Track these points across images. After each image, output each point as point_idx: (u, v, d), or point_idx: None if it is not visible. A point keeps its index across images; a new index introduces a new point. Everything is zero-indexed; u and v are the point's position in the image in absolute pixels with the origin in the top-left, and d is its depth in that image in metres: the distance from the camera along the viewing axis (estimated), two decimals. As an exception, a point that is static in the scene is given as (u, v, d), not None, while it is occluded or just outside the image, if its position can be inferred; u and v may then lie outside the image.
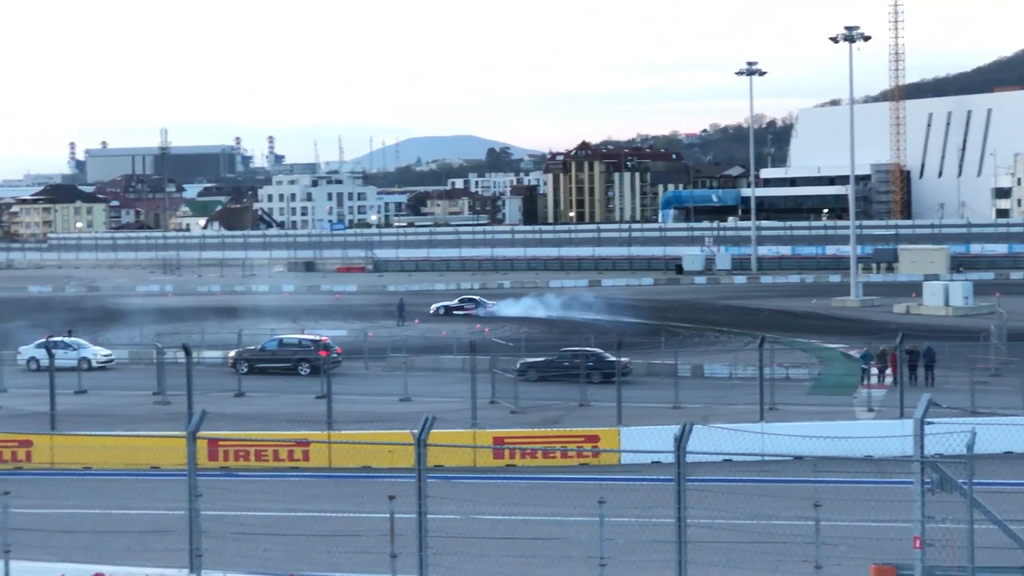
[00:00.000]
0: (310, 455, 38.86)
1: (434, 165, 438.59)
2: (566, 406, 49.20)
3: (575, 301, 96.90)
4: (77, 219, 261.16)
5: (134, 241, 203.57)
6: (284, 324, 79.38)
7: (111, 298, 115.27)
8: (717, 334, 77.81)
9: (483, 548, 24.43)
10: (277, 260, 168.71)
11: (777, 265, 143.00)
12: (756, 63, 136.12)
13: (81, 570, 15.68)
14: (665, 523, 19.88)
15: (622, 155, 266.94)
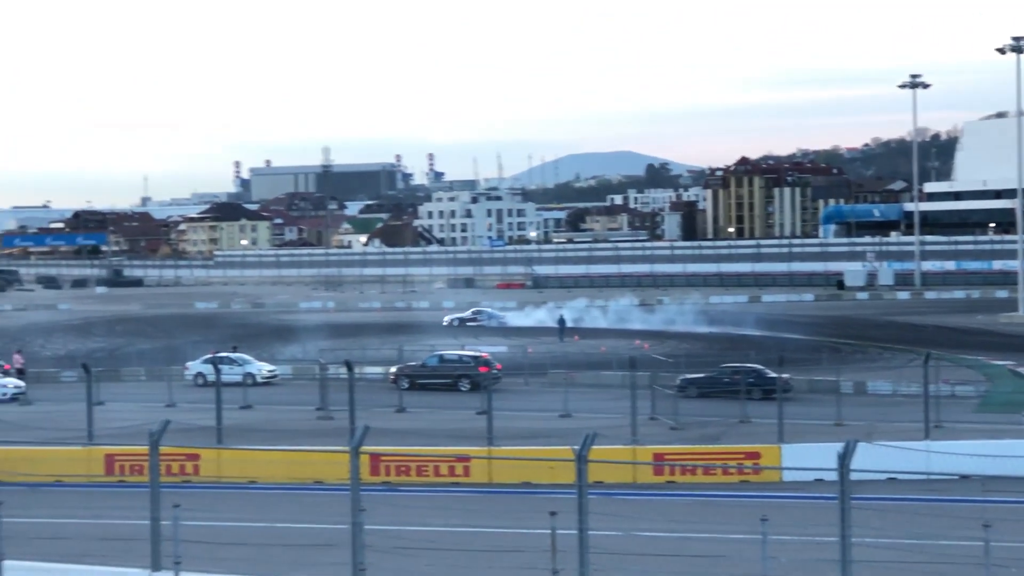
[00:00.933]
0: (471, 471, 39.04)
1: (593, 181, 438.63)
2: (726, 422, 48.77)
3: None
4: (242, 236, 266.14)
5: (297, 258, 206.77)
6: (445, 340, 79.88)
7: (274, 315, 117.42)
8: (880, 351, 76.60)
9: (644, 565, 24.33)
10: (437, 276, 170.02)
11: (941, 280, 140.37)
12: (920, 76, 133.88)
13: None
14: (828, 542, 19.62)
15: (782, 170, 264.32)
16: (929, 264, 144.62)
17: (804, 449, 38.83)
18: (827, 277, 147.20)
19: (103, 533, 29.84)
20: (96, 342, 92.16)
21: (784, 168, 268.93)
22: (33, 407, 58.02)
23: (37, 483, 37.06)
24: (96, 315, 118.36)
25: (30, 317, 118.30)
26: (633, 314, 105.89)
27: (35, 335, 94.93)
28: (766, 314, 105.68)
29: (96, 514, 33.80)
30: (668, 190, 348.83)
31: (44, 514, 32.56)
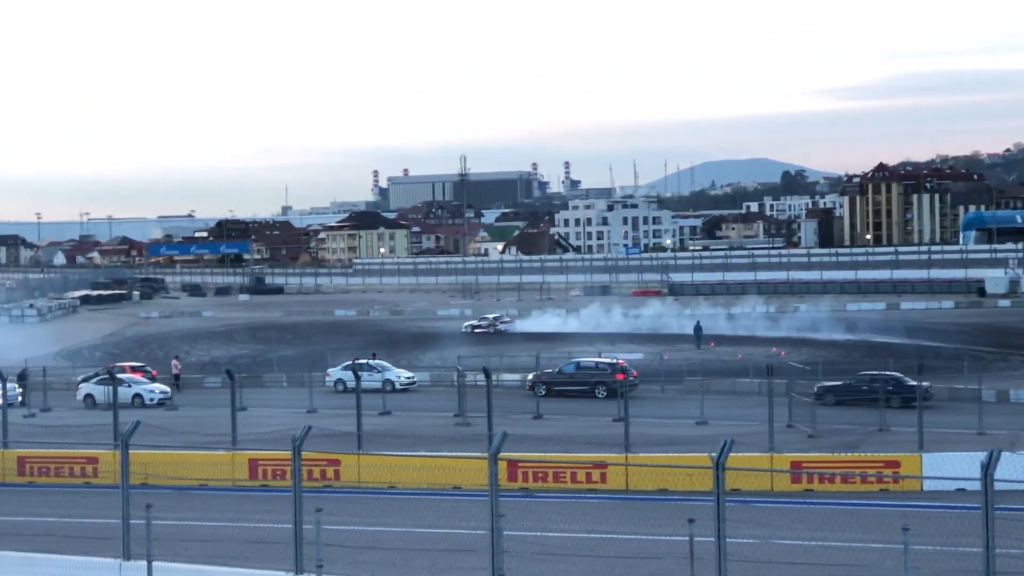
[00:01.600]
0: (607, 477, 38.98)
1: (728, 189, 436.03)
2: (864, 431, 48.16)
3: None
4: (380, 245, 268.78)
5: (434, 266, 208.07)
6: (581, 347, 79.90)
7: (412, 322, 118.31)
8: (1023, 359, 75.12)
9: (782, 572, 24.11)
10: (573, 284, 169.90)
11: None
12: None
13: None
14: (972, 552, 19.28)
15: (921, 176, 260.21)
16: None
17: (945, 458, 38.19)
18: (967, 284, 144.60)
19: (247, 536, 30.31)
20: (239, 348, 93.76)
21: (923, 174, 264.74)
22: (179, 412, 59.22)
23: (183, 486, 37.77)
24: (239, 322, 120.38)
25: (176, 324, 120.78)
26: (769, 321, 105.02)
27: (180, 342, 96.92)
28: (905, 321, 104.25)
29: (240, 517, 34.32)
30: (804, 197, 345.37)
31: (190, 517, 33.17)
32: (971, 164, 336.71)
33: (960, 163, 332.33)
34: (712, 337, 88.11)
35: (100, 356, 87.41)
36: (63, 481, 42.35)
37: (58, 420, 57.03)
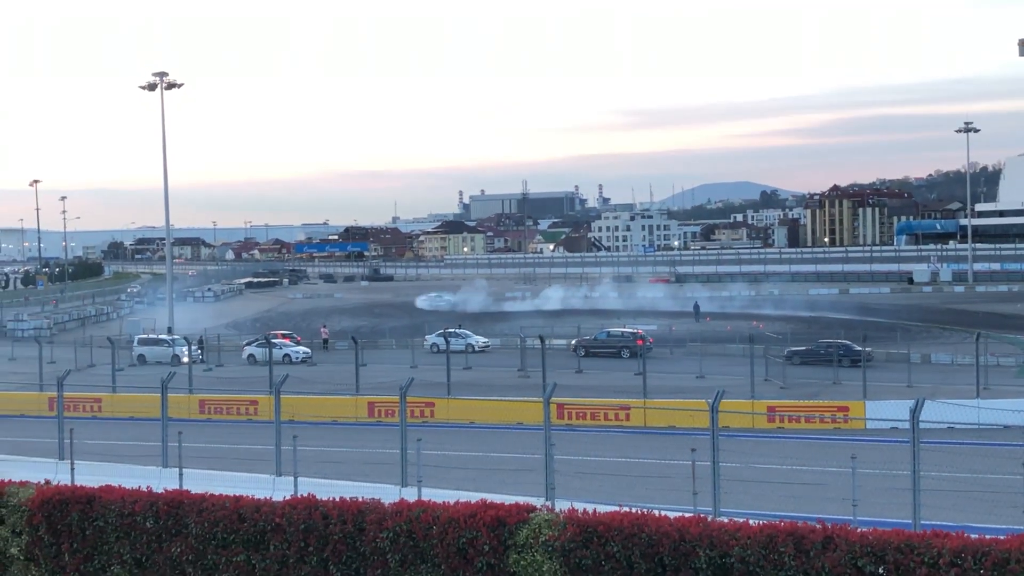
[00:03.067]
0: (630, 416, 38.92)
1: (720, 204, 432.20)
2: (822, 384, 47.74)
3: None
4: (464, 245, 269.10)
5: (503, 261, 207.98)
6: (611, 320, 79.71)
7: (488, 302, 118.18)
8: (941, 330, 74.09)
9: (761, 490, 23.94)
10: (605, 274, 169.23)
11: (989, 278, 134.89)
12: (971, 122, 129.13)
13: (470, 496, 16.05)
14: (902, 475, 19.06)
15: (865, 195, 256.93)
16: (979, 265, 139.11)
17: (883, 405, 37.82)
18: (900, 275, 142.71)
19: (367, 459, 30.46)
20: (361, 320, 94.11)
21: (867, 193, 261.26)
22: (317, 367, 59.55)
23: (320, 422, 38.01)
24: (361, 302, 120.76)
25: (314, 303, 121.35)
26: (751, 302, 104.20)
27: (318, 316, 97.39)
28: (853, 302, 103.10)
29: (362, 445, 34.51)
30: (777, 210, 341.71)
31: (326, 444, 33.37)
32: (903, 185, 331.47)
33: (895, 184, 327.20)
34: (708, 313, 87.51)
35: (259, 326, 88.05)
36: (232, 418, 42.79)
37: (229, 373, 57.54)
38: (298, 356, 62.86)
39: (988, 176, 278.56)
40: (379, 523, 14.62)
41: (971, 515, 21.06)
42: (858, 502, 19.34)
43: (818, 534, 12.69)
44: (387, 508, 14.83)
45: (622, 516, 13.62)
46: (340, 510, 14.96)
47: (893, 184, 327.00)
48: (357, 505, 15.00)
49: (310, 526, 14.95)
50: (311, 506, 15.15)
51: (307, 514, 15.05)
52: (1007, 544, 11.97)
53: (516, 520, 14.01)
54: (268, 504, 15.46)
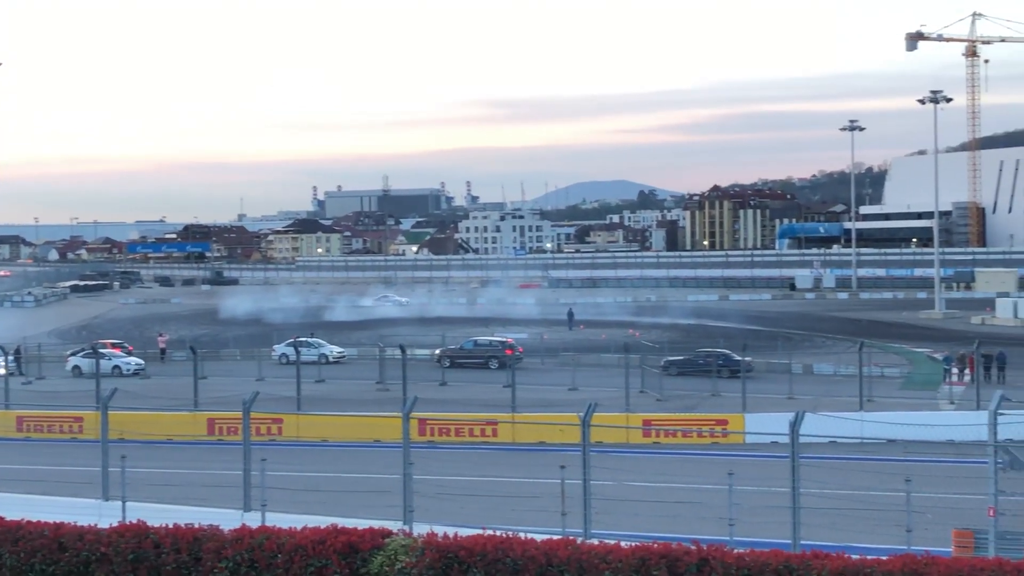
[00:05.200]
0: (498, 432, 39.04)
1: (596, 204, 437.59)
2: (700, 395, 48.67)
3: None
4: (318, 246, 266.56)
5: (362, 263, 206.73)
6: (478, 328, 79.90)
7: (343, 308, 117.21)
8: (824, 339, 76.29)
9: (635, 509, 24.24)
10: (473, 278, 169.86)
11: (874, 284, 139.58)
12: (857, 120, 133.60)
13: (320, 521, 15.88)
14: (782, 492, 19.53)
15: (746, 196, 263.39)
16: (864, 271, 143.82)
17: (763, 418, 38.72)
18: (782, 281, 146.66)
19: (206, 481, 29.88)
20: (201, 329, 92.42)
21: (748, 194, 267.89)
22: (151, 380, 58.25)
23: (153, 441, 37.17)
24: (201, 308, 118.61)
25: (149, 309, 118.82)
26: (627, 309, 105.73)
27: (153, 323, 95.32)
28: (733, 309, 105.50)
29: (200, 466, 33.85)
30: (655, 211, 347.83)
31: (159, 466, 32.66)
32: (786, 186, 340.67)
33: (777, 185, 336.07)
34: (582, 321, 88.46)
35: (86, 335, 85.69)
36: (54, 436, 41.55)
37: (50, 387, 55.84)
38: (129, 368, 61.39)
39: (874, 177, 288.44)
40: (217, 552, 14.34)
41: (852, 534, 21.68)
42: (735, 521, 19.76)
43: (693, 556, 12.90)
44: (227, 535, 14.55)
45: (485, 540, 13.63)
46: (174, 538, 14.63)
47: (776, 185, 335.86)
48: (193, 532, 14.68)
49: (140, 556, 14.58)
50: (141, 534, 14.77)
51: (136, 542, 14.67)
52: (889, 565, 12.35)
53: (370, 546, 13.89)
54: (93, 532, 15.02)
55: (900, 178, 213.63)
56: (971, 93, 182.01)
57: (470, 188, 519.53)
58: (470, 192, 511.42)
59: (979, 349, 47.40)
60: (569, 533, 16.74)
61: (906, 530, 20.75)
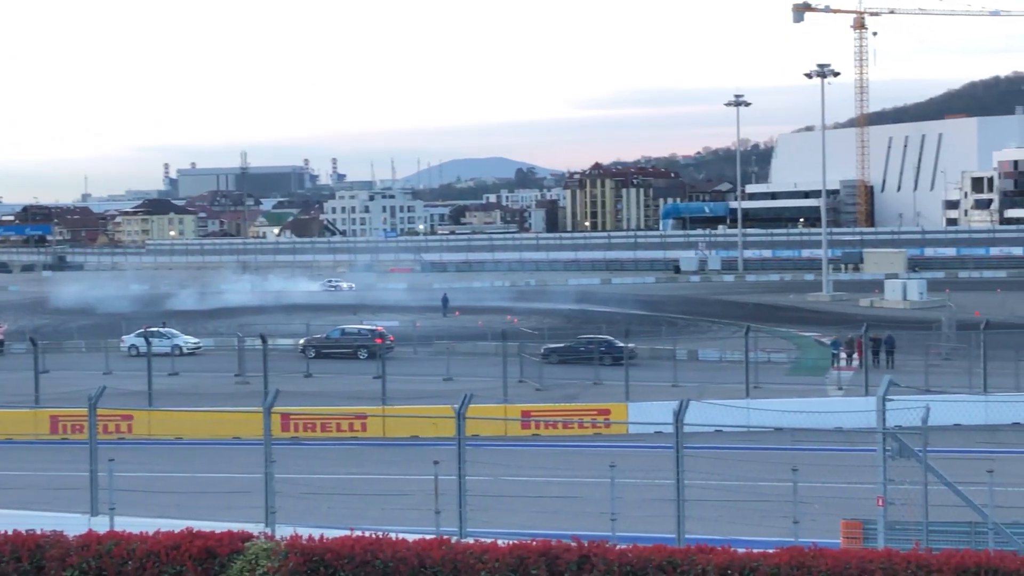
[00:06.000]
0: (367, 426, 38.92)
1: (471, 183, 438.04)
2: (582, 384, 49.12)
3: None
4: (170, 228, 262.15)
5: (218, 247, 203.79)
6: (345, 316, 79.45)
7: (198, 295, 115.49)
8: (709, 324, 77.57)
9: (513, 505, 24.41)
10: (340, 263, 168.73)
11: (760, 266, 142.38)
12: (743, 95, 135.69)
13: (174, 525, 15.66)
14: (666, 484, 19.82)
15: (629, 174, 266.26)
16: (750, 252, 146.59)
17: (646, 407, 39.22)
18: (666, 263, 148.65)
19: (48, 483, 29.22)
20: (42, 319, 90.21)
21: (631, 172, 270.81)
22: (-13, 375, 56.64)
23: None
24: (42, 295, 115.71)
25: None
26: (505, 294, 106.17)
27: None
28: (615, 294, 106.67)
29: (42, 467, 33.09)
30: (534, 190, 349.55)
31: (9, 467, 31.85)
32: (670, 164, 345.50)
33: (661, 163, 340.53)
34: (457, 307, 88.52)
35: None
36: None
37: None
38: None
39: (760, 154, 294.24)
40: (61, 559, 14.06)
41: (739, 527, 22.13)
42: (617, 516, 20.01)
43: (573, 553, 13.02)
44: (72, 541, 14.27)
45: (354, 541, 13.58)
46: (13, 545, 14.30)
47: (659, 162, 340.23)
48: (35, 539, 14.37)
49: (-26, 567, 14.21)
50: (-25, 543, 14.38)
51: (-30, 553, 14.28)
52: (776, 558, 12.62)
53: (229, 551, 13.75)
54: (-81, 542, 14.57)
55: (787, 155, 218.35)
56: (859, 67, 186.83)
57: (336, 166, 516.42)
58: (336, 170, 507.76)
59: (867, 333, 48.67)
60: (443, 532, 16.78)
61: (793, 521, 21.24)
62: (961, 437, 34.69)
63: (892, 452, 18.36)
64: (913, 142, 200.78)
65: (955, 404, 36.70)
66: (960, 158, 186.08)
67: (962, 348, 51.55)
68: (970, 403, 37.93)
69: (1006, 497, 21.61)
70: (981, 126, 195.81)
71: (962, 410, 36.43)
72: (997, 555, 12.79)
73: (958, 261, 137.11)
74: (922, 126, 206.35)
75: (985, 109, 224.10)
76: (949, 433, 34.20)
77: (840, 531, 21.10)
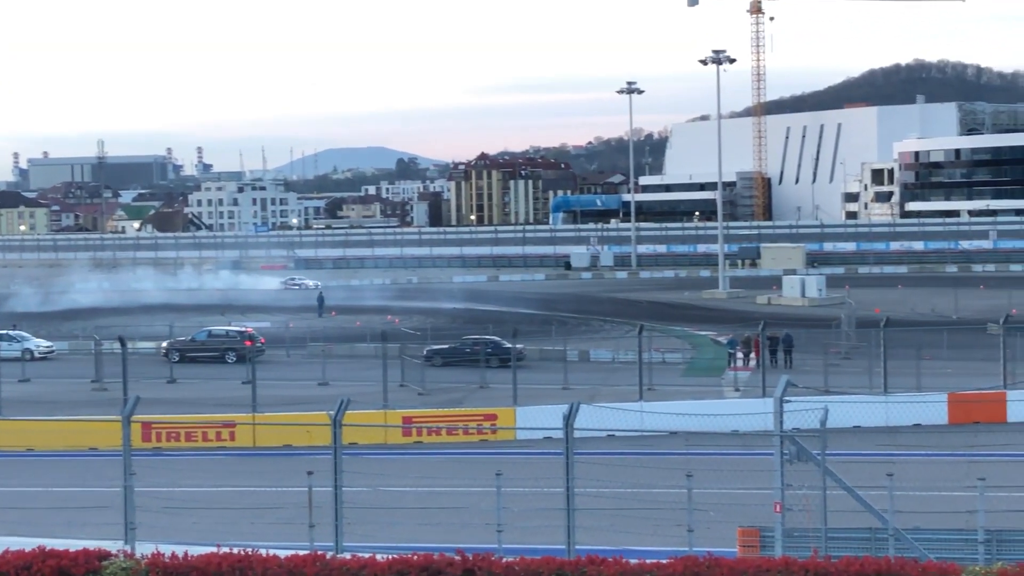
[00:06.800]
0: (236, 435, 38.53)
1: (349, 174, 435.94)
2: (468, 388, 49.21)
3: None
4: (21, 223, 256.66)
5: (73, 242, 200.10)
6: (213, 317, 78.57)
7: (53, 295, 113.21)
8: (602, 323, 78.24)
9: (393, 517, 24.32)
10: (206, 259, 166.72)
11: (654, 262, 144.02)
12: (635, 83, 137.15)
13: (25, 543, 15.35)
14: (556, 492, 19.92)
15: (517, 165, 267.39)
16: (644, 248, 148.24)
17: (535, 411, 39.44)
18: (556, 259, 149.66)
19: None
20: None
21: (519, 163, 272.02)
22: None
23: None
24: None
25: None
26: (385, 292, 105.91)
27: None
28: (503, 291, 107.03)
29: None
30: (416, 182, 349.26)
31: None
32: (560, 154, 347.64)
33: (551, 153, 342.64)
34: (333, 307, 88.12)
35: None
36: None
37: None
38: None
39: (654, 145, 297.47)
40: None
41: (632, 536, 22.31)
42: (504, 527, 20.06)
43: (457, 567, 13.05)
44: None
45: (220, 559, 13.48)
46: None
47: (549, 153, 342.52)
48: None
49: None
50: None
51: None
52: (670, 568, 12.78)
53: (85, 570, 13.61)
54: None
55: (682, 146, 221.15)
56: (756, 53, 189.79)
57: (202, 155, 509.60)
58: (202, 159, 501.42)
59: (765, 331, 49.39)
60: (318, 547, 16.67)
61: (688, 530, 21.49)
62: (861, 440, 35.43)
63: (790, 456, 18.67)
64: (812, 132, 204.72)
65: (855, 405, 37.55)
66: (860, 149, 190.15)
67: (862, 347, 52.72)
68: (870, 404, 38.75)
69: (906, 502, 22.11)
70: (881, 115, 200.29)
71: (862, 411, 37.24)
72: (898, 562, 13.10)
73: (858, 256, 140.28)
74: (821, 115, 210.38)
75: (886, 98, 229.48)
76: (849, 435, 34.92)
77: (736, 539, 21.42)
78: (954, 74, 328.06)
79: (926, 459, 33.76)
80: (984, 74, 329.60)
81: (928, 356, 49.51)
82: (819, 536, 19.51)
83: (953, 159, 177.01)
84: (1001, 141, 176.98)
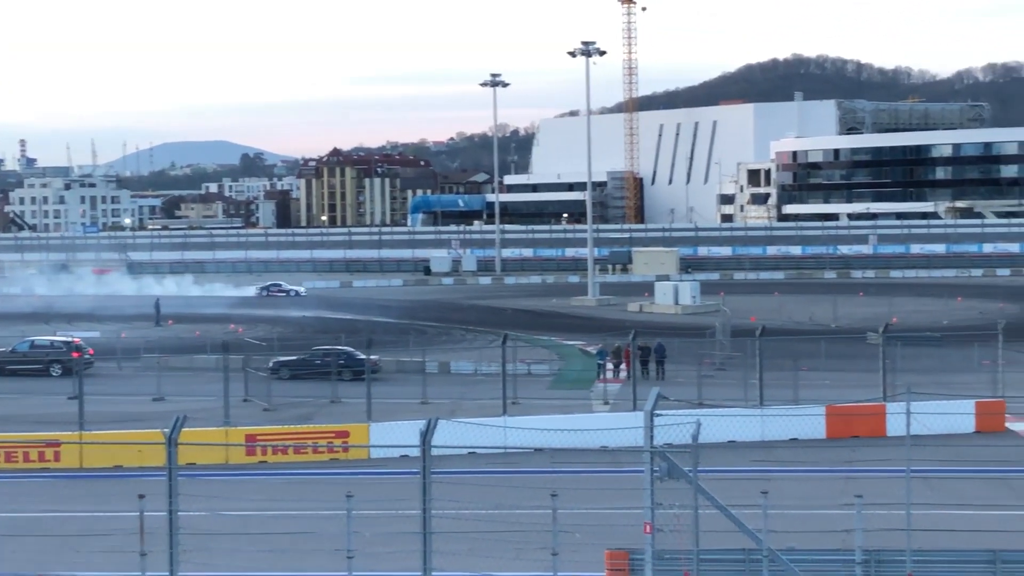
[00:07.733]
0: (61, 456, 37.67)
1: (188, 170, 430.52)
2: (318, 403, 48.83)
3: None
4: None
5: None
6: (36, 326, 76.84)
7: None
8: (463, 332, 78.25)
9: (234, 543, 24.07)
10: (30, 262, 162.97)
11: (520, 267, 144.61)
12: (500, 75, 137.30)
13: None
14: (412, 515, 19.88)
15: (373, 161, 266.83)
16: (509, 252, 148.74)
17: (391, 427, 39.27)
18: (415, 263, 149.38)
19: None
20: None
21: (374, 160, 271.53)
22: None
23: None
24: None
25: None
26: (228, 299, 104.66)
27: None
28: (357, 298, 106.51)
29: None
30: (263, 179, 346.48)
31: None
32: (419, 151, 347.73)
33: (409, 150, 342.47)
34: (171, 315, 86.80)
35: None
36: None
37: None
38: None
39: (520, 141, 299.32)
40: None
41: (492, 561, 22.37)
42: (355, 552, 19.94)
43: (301, 597, 12.93)
44: None
45: (39, 592, 13.19)
46: None
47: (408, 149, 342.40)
48: None
49: None
50: None
51: None
52: (530, 593, 12.81)
53: None
54: None
55: (549, 143, 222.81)
56: (628, 46, 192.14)
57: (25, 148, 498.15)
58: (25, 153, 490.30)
59: (635, 341, 49.79)
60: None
61: (552, 553, 21.58)
62: (735, 455, 35.95)
63: (660, 473, 18.82)
64: (686, 130, 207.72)
65: (729, 419, 38.08)
66: (736, 148, 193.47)
67: (737, 357, 53.45)
68: (745, 417, 39.30)
69: (782, 520, 22.48)
70: (758, 113, 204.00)
71: (737, 425, 37.79)
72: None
73: (734, 261, 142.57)
74: (695, 112, 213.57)
75: (762, 95, 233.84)
76: (723, 451, 35.40)
77: (604, 562, 21.57)
78: (834, 70, 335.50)
79: (803, 475, 34.42)
80: (865, 70, 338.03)
81: (805, 367, 50.44)
82: (691, 558, 19.74)
83: (832, 159, 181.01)
84: (882, 141, 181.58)
